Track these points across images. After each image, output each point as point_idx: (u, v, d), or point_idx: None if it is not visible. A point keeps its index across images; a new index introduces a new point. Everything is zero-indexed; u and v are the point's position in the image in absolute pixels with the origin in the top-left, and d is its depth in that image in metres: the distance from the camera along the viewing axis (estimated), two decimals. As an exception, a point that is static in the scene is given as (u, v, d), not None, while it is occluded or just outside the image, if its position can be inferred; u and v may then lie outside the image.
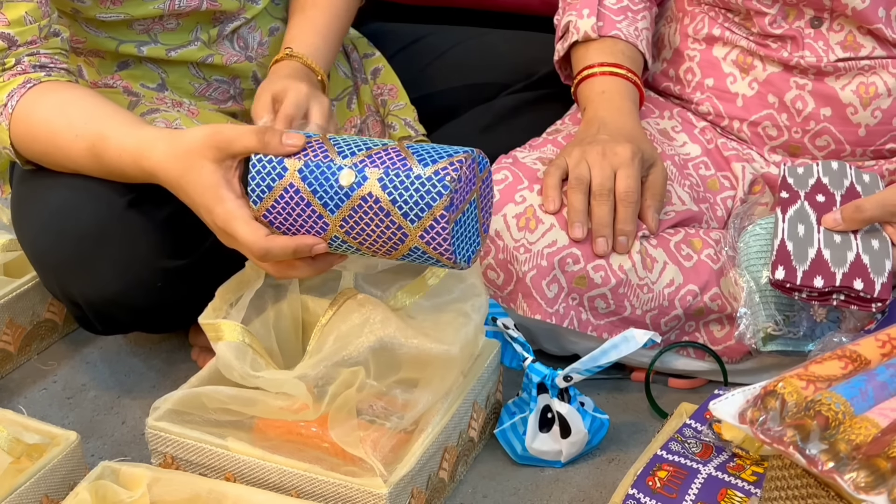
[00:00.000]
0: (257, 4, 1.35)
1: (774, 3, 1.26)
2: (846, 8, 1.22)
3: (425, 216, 0.95)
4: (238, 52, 1.34)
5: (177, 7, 1.25)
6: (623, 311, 1.19)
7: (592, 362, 1.10)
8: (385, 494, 0.96)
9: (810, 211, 1.17)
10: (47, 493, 1.02)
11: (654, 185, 1.21)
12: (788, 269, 1.11)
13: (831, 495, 0.77)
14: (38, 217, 1.18)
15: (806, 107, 1.27)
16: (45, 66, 1.16)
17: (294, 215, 0.99)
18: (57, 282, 1.19)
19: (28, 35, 1.14)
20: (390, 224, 0.96)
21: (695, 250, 1.21)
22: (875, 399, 0.78)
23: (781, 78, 1.28)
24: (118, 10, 1.24)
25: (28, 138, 1.15)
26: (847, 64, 1.25)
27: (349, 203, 0.97)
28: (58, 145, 1.13)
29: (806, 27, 1.26)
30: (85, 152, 1.11)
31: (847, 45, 1.25)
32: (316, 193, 0.97)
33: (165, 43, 1.29)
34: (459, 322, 1.07)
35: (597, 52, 1.32)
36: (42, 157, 1.17)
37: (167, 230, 1.16)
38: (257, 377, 1.01)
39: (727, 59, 1.32)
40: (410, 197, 0.95)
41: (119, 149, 1.09)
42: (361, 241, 0.98)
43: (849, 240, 1.13)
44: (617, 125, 1.24)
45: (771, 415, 0.78)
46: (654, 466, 1.04)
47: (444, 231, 0.95)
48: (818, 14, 1.25)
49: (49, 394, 1.31)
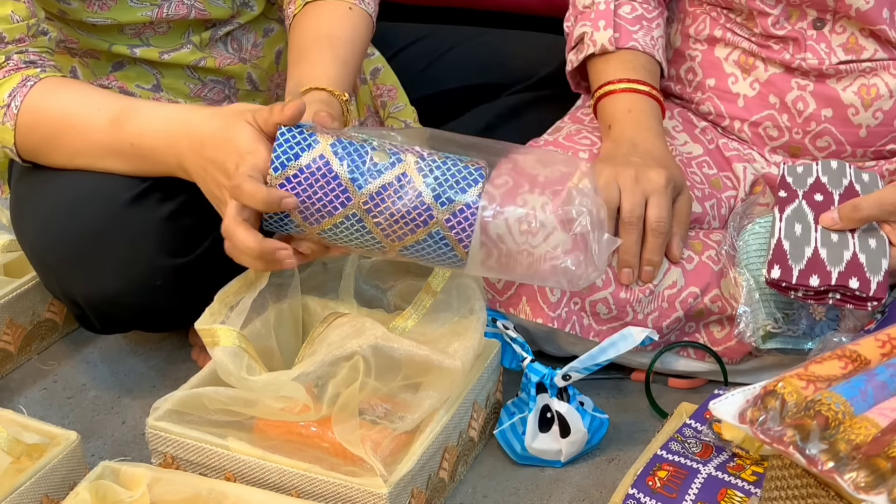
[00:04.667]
0: (252, 10, 1.34)
1: (777, 3, 1.26)
2: (850, 9, 1.22)
3: (457, 200, 0.99)
4: (231, 55, 1.33)
5: (165, 15, 1.25)
6: (625, 317, 1.19)
7: (591, 360, 1.10)
8: (385, 494, 0.96)
9: (808, 210, 1.17)
10: (47, 492, 1.02)
11: (681, 213, 1.20)
12: (784, 268, 1.11)
13: (831, 495, 0.77)
14: (37, 216, 1.18)
15: (807, 108, 1.27)
16: (35, 63, 1.15)
17: (316, 186, 0.99)
18: (57, 281, 1.19)
19: (16, 33, 1.14)
20: (419, 205, 0.98)
21: (695, 252, 1.22)
22: (875, 399, 0.78)
23: (783, 79, 1.28)
24: (105, 14, 1.24)
25: (37, 134, 1.14)
26: (848, 66, 1.25)
27: (380, 181, 0.98)
28: (74, 128, 1.12)
29: (808, 28, 1.26)
30: (106, 125, 1.11)
31: (849, 47, 1.25)
32: (347, 167, 0.98)
33: (157, 46, 1.29)
34: (462, 333, 1.07)
35: (616, 67, 1.30)
36: (51, 153, 1.15)
37: (167, 228, 1.16)
38: (253, 382, 1.01)
39: (729, 60, 1.32)
40: (446, 181, 0.99)
41: (150, 116, 1.09)
42: (380, 221, 0.99)
43: (846, 239, 1.13)
44: (647, 148, 1.22)
45: (771, 415, 0.78)
46: (654, 466, 1.04)
47: (473, 217, 0.99)
48: (821, 15, 1.25)
49: (49, 394, 1.31)
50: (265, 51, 1.37)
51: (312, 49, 1.21)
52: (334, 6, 1.25)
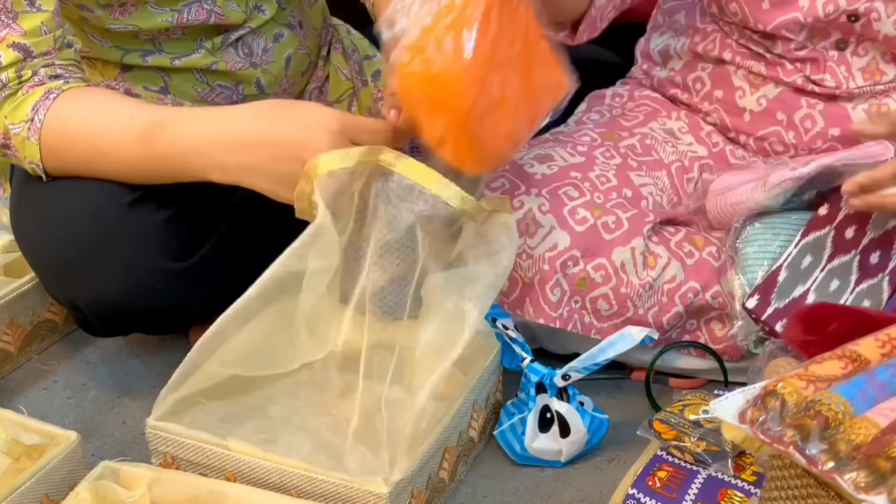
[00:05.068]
0: (264, 14, 1.34)
1: (802, 29, 1.24)
2: (878, 34, 1.21)
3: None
4: (242, 59, 1.33)
5: (185, 20, 1.25)
6: (626, 312, 1.19)
7: (590, 360, 1.10)
8: (385, 494, 0.96)
9: (829, 245, 1.14)
10: (47, 493, 1.02)
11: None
12: (762, 301, 1.09)
13: (831, 495, 0.77)
14: (38, 221, 1.17)
15: (815, 126, 1.26)
16: (61, 76, 1.14)
17: None
18: (58, 285, 1.19)
19: (44, 46, 1.12)
20: None
21: (697, 248, 1.22)
22: (875, 399, 0.78)
23: (793, 97, 1.27)
24: (127, 21, 1.23)
25: (63, 147, 1.12)
26: (863, 90, 1.24)
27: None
28: (101, 142, 1.11)
29: (830, 48, 1.24)
30: (135, 139, 1.10)
31: (869, 71, 1.23)
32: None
33: (170, 51, 1.29)
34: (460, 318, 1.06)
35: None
36: (77, 165, 1.14)
37: (168, 232, 1.16)
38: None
39: (738, 73, 1.31)
40: None
41: (189, 126, 1.09)
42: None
43: (842, 291, 1.11)
44: None
45: (771, 415, 0.78)
46: (654, 466, 1.04)
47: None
48: (845, 37, 1.23)
49: (49, 394, 1.31)
50: (275, 56, 1.37)
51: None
52: None
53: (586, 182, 1.22)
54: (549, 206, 1.19)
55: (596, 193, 1.21)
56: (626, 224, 1.19)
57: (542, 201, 1.19)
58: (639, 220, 1.20)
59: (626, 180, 1.26)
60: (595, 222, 1.18)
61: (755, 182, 1.18)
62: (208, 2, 1.26)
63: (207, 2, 1.26)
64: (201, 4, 1.26)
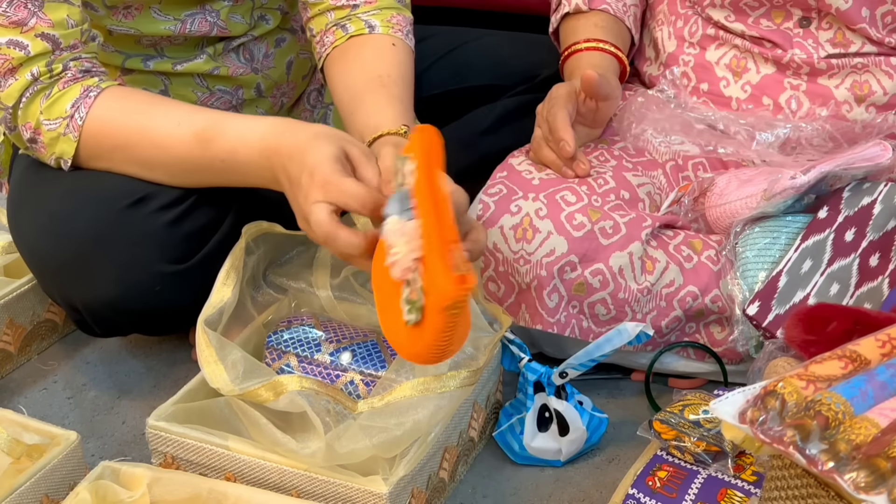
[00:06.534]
0: (268, 24, 1.34)
1: (761, 4, 1.28)
2: (830, 8, 1.25)
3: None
4: (244, 65, 1.33)
5: (187, 31, 1.25)
6: (624, 317, 1.19)
7: (587, 357, 1.10)
8: (385, 494, 0.96)
9: (829, 249, 1.14)
10: (47, 493, 1.02)
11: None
12: (763, 308, 1.09)
13: (831, 495, 0.77)
14: (35, 222, 1.17)
15: (801, 107, 1.28)
16: (90, 70, 1.13)
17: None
18: (56, 286, 1.19)
19: (71, 38, 1.12)
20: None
21: (695, 252, 1.21)
22: (875, 399, 0.78)
23: (775, 80, 1.29)
24: (129, 24, 1.23)
25: (106, 145, 1.12)
26: (840, 61, 1.26)
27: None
28: (153, 142, 1.10)
29: (795, 27, 1.28)
30: (190, 138, 1.08)
31: (836, 42, 1.27)
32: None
33: (172, 56, 1.29)
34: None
35: (586, 28, 1.35)
36: (119, 164, 1.13)
37: (166, 234, 1.16)
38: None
39: (720, 63, 1.33)
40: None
41: (241, 132, 1.06)
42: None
43: (842, 295, 1.10)
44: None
45: (771, 415, 0.78)
46: (654, 466, 1.04)
47: None
48: (806, 14, 1.27)
49: (49, 394, 1.31)
50: (276, 61, 1.37)
51: (366, 94, 1.17)
52: (378, 43, 1.23)
53: (583, 185, 1.22)
54: (547, 210, 1.19)
55: (594, 196, 1.21)
56: (623, 229, 1.19)
57: (540, 206, 1.19)
58: (637, 225, 1.20)
59: (624, 181, 1.26)
60: (593, 227, 1.18)
61: (755, 196, 1.19)
62: (212, 14, 1.26)
63: (211, 14, 1.26)
64: (205, 16, 1.26)
